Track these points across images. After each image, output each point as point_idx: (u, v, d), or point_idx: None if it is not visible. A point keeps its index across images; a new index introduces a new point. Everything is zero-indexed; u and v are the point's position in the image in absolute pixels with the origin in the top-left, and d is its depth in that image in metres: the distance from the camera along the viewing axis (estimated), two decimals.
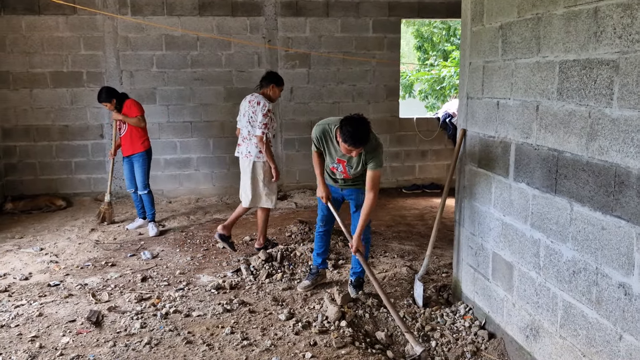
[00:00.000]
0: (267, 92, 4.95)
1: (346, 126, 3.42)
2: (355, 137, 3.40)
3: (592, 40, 2.40)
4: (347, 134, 3.41)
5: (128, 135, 5.81)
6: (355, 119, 3.45)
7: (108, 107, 5.81)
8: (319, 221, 4.22)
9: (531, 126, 2.92)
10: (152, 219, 5.96)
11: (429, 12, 7.77)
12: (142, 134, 5.87)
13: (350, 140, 3.41)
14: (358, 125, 3.41)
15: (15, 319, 3.67)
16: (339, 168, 3.83)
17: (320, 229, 4.23)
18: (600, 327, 2.44)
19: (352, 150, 3.49)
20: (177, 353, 3.22)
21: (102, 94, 5.77)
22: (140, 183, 5.91)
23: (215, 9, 7.25)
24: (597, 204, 2.42)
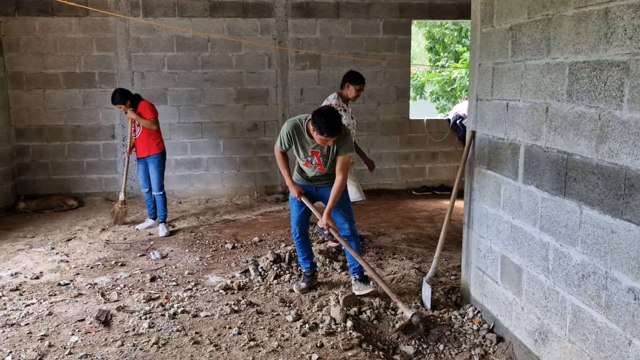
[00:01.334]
0: (344, 92, 4.95)
1: (319, 118, 3.63)
2: (331, 127, 3.61)
3: (603, 41, 2.38)
4: (322, 124, 3.61)
5: (144, 137, 5.84)
6: (326, 111, 3.68)
7: (122, 108, 5.83)
8: (293, 226, 4.24)
9: (541, 128, 2.89)
10: (164, 220, 5.98)
11: (440, 13, 7.74)
12: (157, 135, 5.91)
13: (327, 130, 3.62)
14: (330, 115, 3.64)
15: (25, 318, 3.71)
16: (313, 161, 3.96)
17: (296, 237, 4.24)
18: (609, 332, 2.41)
19: (328, 140, 3.70)
20: (185, 353, 3.23)
21: (117, 96, 5.78)
22: (155, 184, 5.94)
23: (226, 11, 7.28)
24: (606, 207, 2.39)
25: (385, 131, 7.89)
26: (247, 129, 7.60)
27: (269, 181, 7.78)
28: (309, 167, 4.01)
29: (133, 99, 5.82)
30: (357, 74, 4.99)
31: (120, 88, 5.94)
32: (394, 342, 3.46)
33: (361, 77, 4.99)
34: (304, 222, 4.23)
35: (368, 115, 7.79)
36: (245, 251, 5.26)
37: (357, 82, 4.93)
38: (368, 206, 7.12)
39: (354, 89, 4.92)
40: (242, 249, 5.33)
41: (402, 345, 3.42)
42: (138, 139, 5.89)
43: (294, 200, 4.14)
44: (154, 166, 5.91)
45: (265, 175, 7.75)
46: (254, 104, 7.54)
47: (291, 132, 3.90)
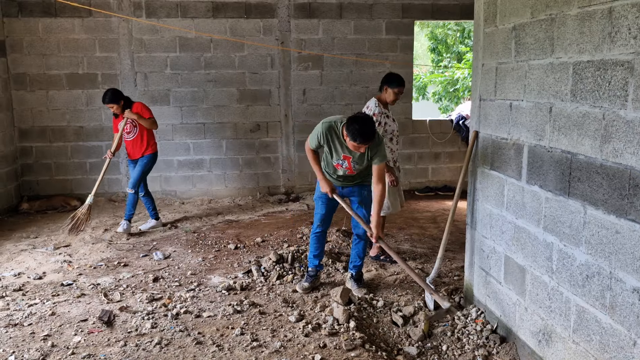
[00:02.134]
0: (383, 96, 4.73)
1: (354, 124, 3.60)
2: (364, 134, 3.59)
3: (607, 40, 2.37)
4: (356, 131, 3.58)
5: (138, 139, 5.77)
6: (361, 117, 3.65)
7: (114, 109, 5.66)
8: (316, 221, 4.23)
9: (544, 128, 2.88)
10: (129, 219, 5.90)
11: (443, 13, 7.73)
12: (152, 136, 5.87)
13: (360, 138, 3.59)
14: (365, 123, 3.61)
15: (28, 318, 3.71)
16: (344, 164, 3.93)
17: (317, 230, 4.23)
18: (614, 333, 2.40)
19: (361, 147, 3.67)
20: (187, 353, 3.23)
21: (109, 95, 5.61)
22: (133, 181, 5.83)
23: (229, 11, 7.29)
24: (611, 207, 2.38)
25: None
26: (250, 129, 7.60)
27: (272, 182, 7.78)
28: (339, 168, 3.99)
29: (126, 100, 5.71)
30: (396, 76, 4.74)
31: (113, 88, 5.78)
32: (397, 342, 3.45)
33: (400, 79, 4.71)
34: (327, 221, 4.23)
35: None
36: (248, 252, 5.25)
37: (396, 84, 4.66)
38: None
39: (392, 92, 4.66)
40: (245, 249, 5.33)
41: (405, 346, 3.41)
42: (132, 141, 5.77)
43: (319, 198, 4.15)
44: (141, 164, 5.82)
45: (268, 176, 7.75)
46: (256, 105, 7.54)
47: (325, 133, 3.86)
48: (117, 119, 5.81)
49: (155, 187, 7.53)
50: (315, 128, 3.95)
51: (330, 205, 4.16)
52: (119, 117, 5.76)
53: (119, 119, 5.77)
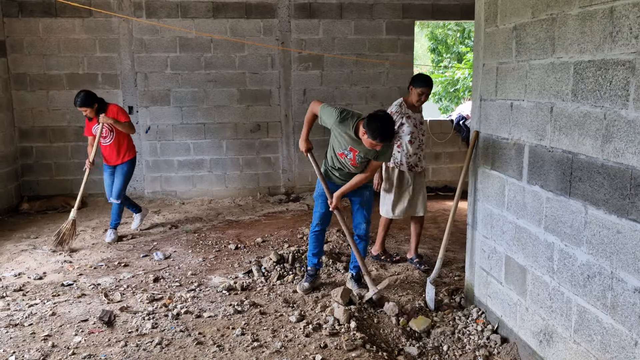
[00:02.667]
0: (409, 97, 4.60)
1: (375, 122, 3.57)
2: (385, 133, 3.57)
3: (608, 40, 2.37)
4: (377, 130, 3.55)
5: (115, 144, 5.47)
6: (383, 117, 3.61)
7: (87, 112, 5.30)
8: (315, 220, 4.22)
9: (545, 128, 2.88)
10: (115, 227, 5.68)
11: (443, 14, 7.73)
12: (130, 140, 5.62)
13: (380, 136, 3.56)
14: (386, 122, 3.59)
15: (28, 318, 3.71)
16: (349, 155, 3.92)
17: (316, 228, 4.22)
18: (615, 333, 2.40)
19: (377, 145, 3.66)
20: (188, 354, 3.22)
21: (81, 98, 5.22)
22: (117, 191, 5.58)
23: (229, 12, 7.29)
24: (612, 207, 2.38)
25: None
26: (250, 129, 7.59)
27: (272, 182, 7.77)
28: (342, 158, 3.98)
29: (100, 102, 5.35)
30: (420, 76, 4.59)
31: (85, 90, 5.42)
32: (398, 343, 3.45)
33: (425, 79, 4.54)
34: (327, 219, 4.23)
35: None
36: (248, 252, 5.25)
37: (419, 84, 4.51)
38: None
39: (415, 92, 4.52)
40: (246, 249, 5.33)
41: (406, 346, 3.41)
42: (110, 146, 5.47)
43: (320, 196, 4.16)
44: (122, 172, 5.56)
45: (268, 176, 7.75)
46: (257, 105, 7.54)
47: (338, 122, 3.83)
48: (90, 122, 5.47)
49: (156, 187, 7.54)
50: (331, 110, 3.88)
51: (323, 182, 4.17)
52: (92, 120, 5.43)
53: (92, 122, 5.44)
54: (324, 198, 4.14)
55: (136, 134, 7.36)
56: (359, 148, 3.84)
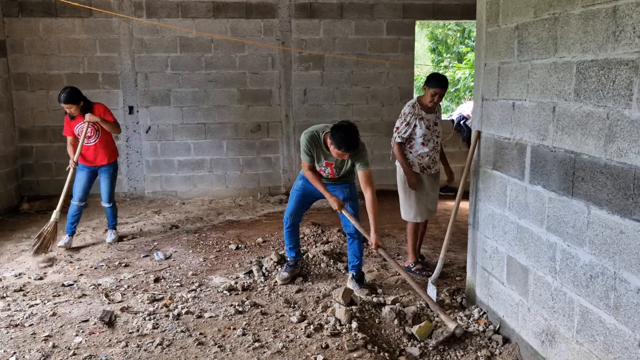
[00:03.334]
0: (423, 98, 4.51)
1: (338, 133, 3.69)
2: (349, 143, 3.68)
3: (611, 40, 2.36)
4: (341, 140, 3.68)
5: (101, 144, 5.27)
6: (346, 126, 3.72)
7: (72, 110, 5.09)
8: (287, 214, 4.33)
9: (547, 128, 2.87)
10: (114, 227, 5.63)
11: (444, 13, 7.72)
12: (113, 141, 5.48)
13: (345, 146, 3.68)
14: (349, 132, 3.70)
15: (29, 319, 3.70)
16: (326, 170, 4.07)
17: (288, 224, 4.36)
18: (618, 333, 2.39)
19: (345, 155, 3.77)
20: (189, 354, 3.21)
21: (67, 94, 5.03)
22: (107, 195, 5.44)
23: (230, 11, 7.28)
24: (615, 207, 2.37)
25: (389, 132, 7.77)
26: (251, 129, 7.59)
27: (273, 182, 7.76)
28: (323, 174, 4.13)
29: (85, 101, 5.18)
30: (434, 76, 4.46)
31: (71, 86, 5.21)
32: (400, 343, 3.44)
33: (440, 79, 4.40)
34: (298, 215, 4.38)
35: (372, 116, 7.78)
36: (249, 252, 5.24)
37: (432, 84, 4.39)
38: None
39: (428, 93, 4.42)
40: (246, 249, 5.32)
41: (407, 346, 3.40)
42: (95, 147, 5.24)
43: (297, 191, 4.29)
44: (108, 175, 5.39)
45: (268, 176, 7.74)
46: (257, 105, 7.53)
47: (309, 143, 3.97)
48: (72, 120, 5.23)
49: (156, 187, 7.53)
50: (300, 143, 4.03)
51: (306, 200, 4.32)
52: (75, 119, 5.20)
53: (75, 120, 5.21)
54: (299, 194, 4.28)
55: (137, 134, 7.37)
56: (333, 160, 3.97)
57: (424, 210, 4.64)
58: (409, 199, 4.60)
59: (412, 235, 4.68)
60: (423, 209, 4.64)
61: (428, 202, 4.68)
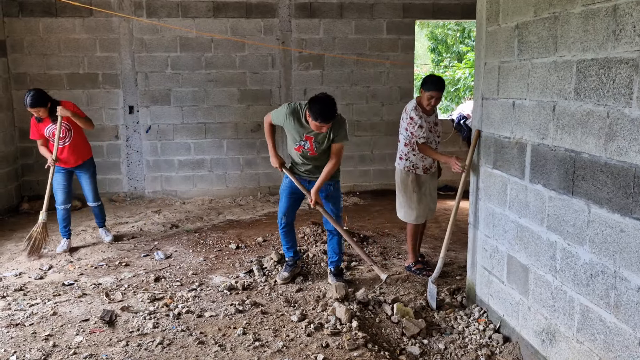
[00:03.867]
0: (421, 100, 4.46)
1: (315, 105, 3.77)
2: (325, 114, 3.75)
3: (611, 38, 2.36)
4: (317, 111, 3.75)
5: (75, 144, 5.13)
6: (322, 98, 3.80)
7: (41, 113, 4.90)
8: (280, 215, 4.38)
9: (548, 127, 2.87)
10: (104, 224, 5.58)
11: (444, 13, 7.72)
12: (86, 139, 5.32)
13: (320, 117, 3.75)
14: (326, 103, 3.77)
15: (29, 318, 3.70)
16: (305, 145, 4.08)
17: (283, 224, 4.40)
18: (618, 332, 2.39)
19: (323, 127, 3.83)
20: (189, 353, 3.22)
21: (34, 97, 4.82)
22: (93, 194, 5.36)
23: (230, 11, 7.28)
24: (615, 205, 2.37)
25: (389, 131, 7.85)
26: (251, 129, 7.59)
27: (273, 182, 7.76)
28: (300, 152, 4.13)
29: (53, 102, 4.98)
30: (430, 78, 4.38)
31: (37, 88, 4.99)
32: (400, 342, 3.44)
33: (433, 82, 4.34)
34: (291, 213, 4.40)
35: (372, 116, 7.78)
36: (249, 251, 5.24)
37: (428, 88, 4.32)
38: (372, 207, 7.11)
39: (425, 96, 4.35)
40: (246, 249, 5.32)
41: (408, 345, 3.40)
42: (70, 146, 5.08)
43: (285, 190, 4.32)
44: (90, 174, 5.30)
45: (268, 175, 7.74)
46: (257, 105, 7.53)
47: (288, 114, 4.04)
48: (40, 123, 5.04)
49: (156, 187, 7.53)
50: (280, 107, 4.14)
51: (294, 197, 4.33)
52: (42, 121, 5.02)
53: (42, 123, 5.03)
54: (287, 192, 4.31)
55: (137, 133, 7.37)
56: (313, 134, 4.00)
57: (426, 211, 4.64)
58: (411, 201, 4.57)
59: (413, 235, 4.67)
60: (426, 210, 4.64)
61: (430, 201, 4.67)
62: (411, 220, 4.62)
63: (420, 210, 4.59)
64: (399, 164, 4.61)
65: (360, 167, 7.88)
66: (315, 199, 4.09)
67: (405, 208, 4.63)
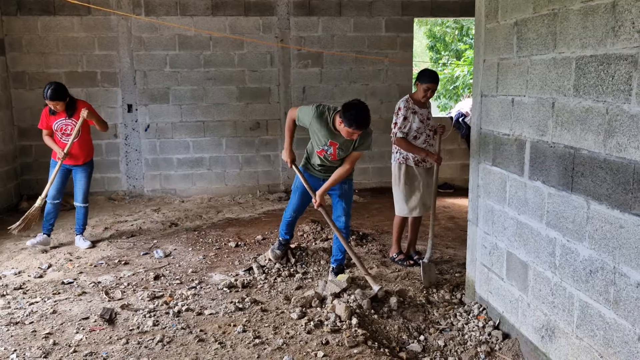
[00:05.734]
0: (415, 93, 4.58)
1: (350, 111, 3.70)
2: (361, 120, 3.70)
3: (610, 35, 2.36)
4: (352, 117, 3.68)
5: (83, 142, 5.17)
6: (357, 104, 3.74)
7: (59, 107, 4.94)
8: (289, 210, 4.45)
9: (547, 123, 2.88)
10: (82, 232, 5.40)
11: (442, 10, 7.72)
12: (91, 140, 5.35)
13: (356, 124, 3.69)
14: (361, 109, 3.71)
15: (29, 316, 3.70)
16: (329, 150, 4.04)
17: (289, 218, 4.50)
18: (618, 328, 2.40)
19: (355, 133, 3.77)
20: (190, 351, 3.22)
21: (57, 90, 4.87)
22: (83, 195, 5.29)
23: (228, 9, 7.27)
24: (615, 202, 2.37)
25: (388, 129, 7.75)
26: (250, 127, 7.59)
27: (272, 180, 7.77)
28: (321, 155, 4.11)
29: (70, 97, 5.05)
30: (426, 72, 4.52)
31: (57, 82, 5.04)
32: (400, 339, 3.45)
33: (429, 74, 4.48)
34: (301, 210, 4.47)
35: (371, 113, 7.76)
36: (248, 249, 5.25)
37: (424, 80, 4.46)
38: (371, 204, 7.12)
39: (421, 88, 4.48)
40: (246, 247, 5.33)
41: (408, 343, 3.40)
42: (76, 144, 5.09)
43: (297, 189, 4.34)
44: (86, 173, 5.28)
45: (268, 174, 7.74)
46: (256, 103, 7.53)
47: (316, 117, 3.95)
48: (52, 115, 5.08)
49: (155, 185, 7.53)
50: (308, 108, 4.05)
51: (305, 198, 4.36)
52: (55, 114, 5.06)
53: (55, 116, 5.06)
54: (300, 192, 4.34)
55: (135, 132, 7.37)
56: (338, 140, 3.95)
57: (420, 205, 4.67)
58: (403, 194, 4.64)
59: (398, 227, 4.80)
60: (419, 203, 4.67)
61: (424, 195, 4.68)
62: (404, 213, 4.69)
63: (412, 203, 4.65)
64: (393, 159, 4.70)
65: (359, 164, 7.86)
66: (320, 201, 4.11)
67: (400, 202, 4.69)
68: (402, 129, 4.53)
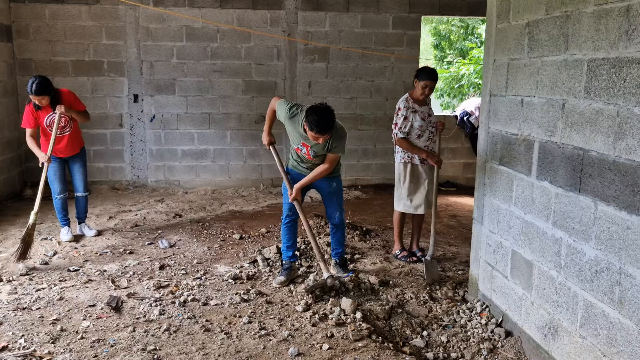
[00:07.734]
0: (414, 92, 4.58)
1: (312, 115, 3.64)
2: (321, 126, 3.63)
3: (623, 38, 2.38)
4: (314, 122, 3.62)
5: (74, 134, 5.08)
6: (321, 108, 3.67)
7: (44, 101, 4.75)
8: (285, 211, 4.29)
9: (556, 124, 2.90)
10: (85, 219, 5.41)
11: (450, 9, 7.73)
12: (78, 125, 5.19)
13: (316, 129, 3.63)
14: (323, 115, 3.64)
15: (36, 302, 3.74)
16: (302, 150, 4.05)
17: (287, 220, 4.30)
18: (622, 327, 2.43)
19: (319, 138, 3.72)
20: (196, 340, 3.25)
21: (41, 85, 4.65)
22: (84, 184, 5.26)
23: (236, 2, 7.28)
24: (622, 203, 2.41)
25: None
26: (255, 120, 7.61)
27: (276, 174, 7.77)
28: (299, 153, 4.13)
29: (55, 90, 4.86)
30: (424, 69, 4.57)
31: (42, 76, 4.80)
32: (404, 334, 3.49)
33: (429, 72, 4.50)
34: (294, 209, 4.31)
35: (375, 110, 7.81)
36: (252, 242, 5.28)
37: (422, 77, 4.47)
38: (373, 200, 7.15)
39: (419, 85, 4.49)
40: (250, 239, 5.36)
41: (411, 338, 3.44)
42: (69, 136, 5.01)
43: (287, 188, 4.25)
44: (82, 163, 5.23)
45: (271, 167, 7.76)
46: (261, 96, 7.55)
47: (289, 117, 3.97)
48: (38, 111, 4.86)
49: (159, 176, 7.55)
50: (284, 106, 4.03)
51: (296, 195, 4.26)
52: (43, 109, 4.85)
53: (41, 111, 4.86)
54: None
55: (141, 122, 7.39)
56: (309, 143, 3.92)
57: (424, 202, 4.70)
58: (408, 191, 4.67)
59: (398, 223, 4.84)
60: (424, 201, 4.70)
61: (428, 193, 4.72)
62: (410, 211, 4.74)
63: (417, 200, 4.69)
64: (397, 157, 4.71)
65: (362, 161, 7.92)
66: (295, 195, 4.07)
67: (403, 199, 4.72)
68: (402, 129, 4.53)
